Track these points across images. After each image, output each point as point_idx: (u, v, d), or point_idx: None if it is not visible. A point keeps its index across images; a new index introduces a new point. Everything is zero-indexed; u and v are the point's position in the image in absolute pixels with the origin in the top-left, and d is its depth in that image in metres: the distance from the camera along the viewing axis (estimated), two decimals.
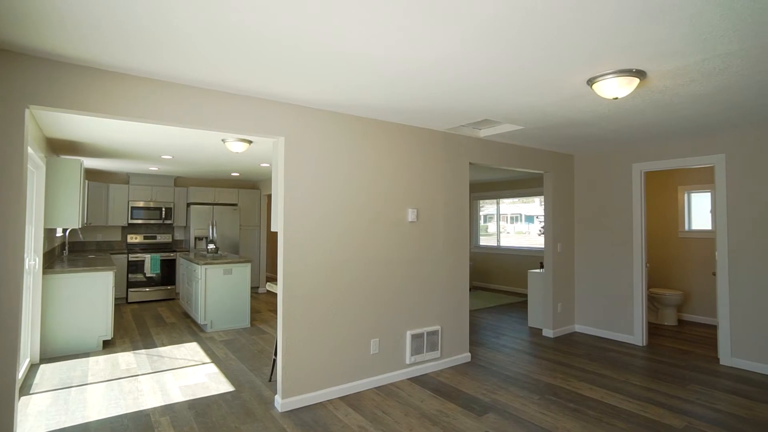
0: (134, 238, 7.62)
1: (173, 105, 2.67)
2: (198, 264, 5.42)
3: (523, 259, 8.22)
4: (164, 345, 4.69)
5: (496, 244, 8.84)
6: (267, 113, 3.04)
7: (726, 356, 4.08)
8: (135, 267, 7.06)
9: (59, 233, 6.27)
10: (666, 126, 3.80)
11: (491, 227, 9.12)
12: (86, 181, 6.62)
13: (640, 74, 2.45)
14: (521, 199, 8.59)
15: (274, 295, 7.82)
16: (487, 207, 9.18)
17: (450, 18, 1.81)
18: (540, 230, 8.38)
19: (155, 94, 2.62)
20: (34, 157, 3.63)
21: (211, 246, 6.30)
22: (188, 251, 7.61)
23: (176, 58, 2.31)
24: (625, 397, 3.30)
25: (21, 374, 3.63)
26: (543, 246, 5.24)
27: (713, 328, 5.42)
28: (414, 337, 3.75)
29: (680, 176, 5.99)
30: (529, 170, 4.95)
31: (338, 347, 3.35)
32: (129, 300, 7.01)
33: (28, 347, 4.02)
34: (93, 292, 4.50)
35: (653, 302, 5.77)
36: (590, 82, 2.57)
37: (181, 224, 7.89)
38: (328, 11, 1.77)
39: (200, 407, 3.11)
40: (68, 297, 4.37)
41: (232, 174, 7.55)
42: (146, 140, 4.50)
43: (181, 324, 5.67)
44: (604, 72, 2.44)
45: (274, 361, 3.62)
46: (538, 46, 2.10)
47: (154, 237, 7.80)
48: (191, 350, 4.50)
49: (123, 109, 2.51)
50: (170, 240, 7.97)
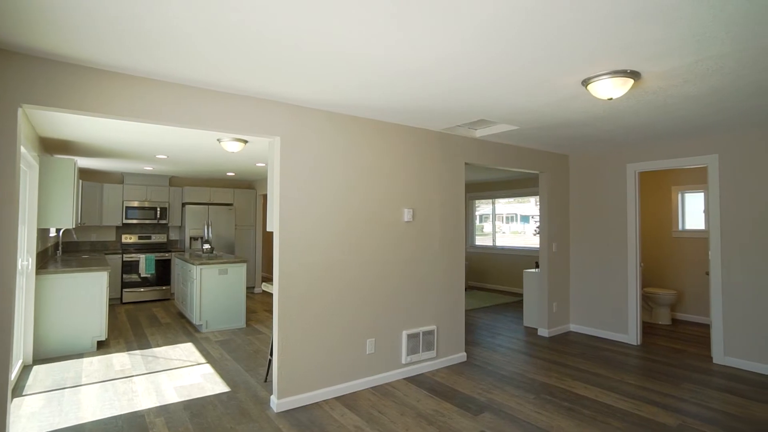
0: (129, 238, 7.57)
1: (169, 104, 2.66)
2: (193, 264, 5.39)
3: (519, 259, 8.25)
4: (159, 345, 4.67)
5: (492, 244, 8.86)
6: (263, 113, 3.03)
7: (719, 355, 4.11)
8: (129, 267, 7.02)
9: (53, 233, 6.22)
10: (660, 127, 3.82)
11: (487, 227, 9.14)
12: (80, 181, 6.56)
13: (635, 75, 2.46)
14: (517, 199, 8.62)
15: (270, 296, 7.80)
16: (483, 207, 9.20)
17: (450, 18, 1.82)
18: (535, 230, 8.41)
19: (151, 94, 2.60)
20: (27, 157, 3.60)
21: (207, 246, 6.28)
22: (183, 251, 7.57)
23: (174, 58, 2.30)
24: (620, 396, 3.32)
25: (14, 375, 3.60)
26: (538, 246, 5.27)
27: (706, 327, 5.46)
28: (410, 337, 3.75)
29: (674, 176, 6.03)
30: (525, 170, 4.97)
31: (334, 347, 3.34)
32: (123, 300, 6.97)
33: (21, 348, 3.99)
34: (87, 293, 4.47)
35: (647, 302, 5.81)
36: (585, 83, 2.59)
37: (176, 224, 7.85)
38: (329, 11, 1.78)
39: (195, 408, 3.10)
40: (62, 297, 4.34)
41: (228, 174, 7.52)
42: (141, 140, 4.47)
43: (176, 324, 5.64)
44: (599, 73, 2.46)
45: (270, 361, 3.61)
46: (537, 47, 2.11)
47: (149, 237, 7.76)
48: (186, 351, 4.48)
49: (118, 109, 2.50)
50: (165, 240, 7.93)
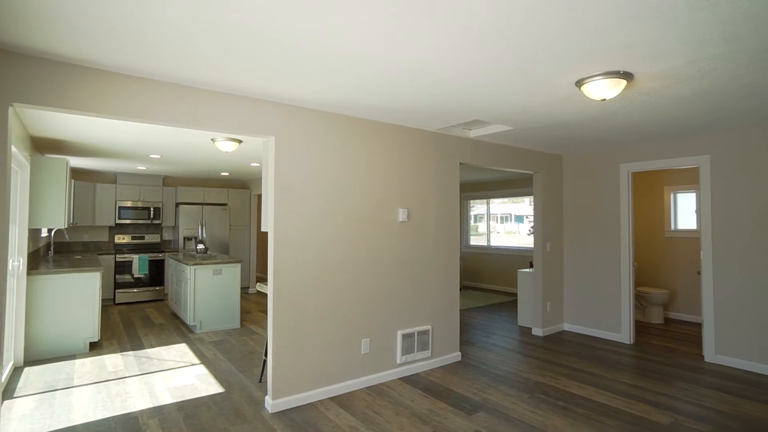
0: (122, 239, 7.52)
1: (164, 104, 2.64)
2: (187, 264, 5.36)
3: (513, 259, 8.29)
4: (152, 346, 4.64)
5: (487, 244, 8.89)
6: (258, 112, 3.02)
7: (710, 353, 4.16)
8: (123, 267, 6.96)
9: (44, 233, 6.16)
10: (653, 127, 3.85)
11: (481, 227, 9.17)
12: (72, 181, 6.51)
13: (628, 76, 2.48)
14: (511, 199, 8.65)
15: (264, 296, 7.77)
16: (478, 207, 9.23)
17: (450, 19, 1.82)
18: (530, 230, 8.45)
19: (147, 93, 2.59)
20: (18, 156, 3.56)
21: (201, 246, 6.24)
22: (177, 251, 7.52)
23: (173, 58, 2.29)
24: (613, 395, 3.35)
25: (4, 377, 3.56)
26: (532, 246, 5.29)
27: (698, 326, 5.52)
28: (405, 337, 3.75)
29: (666, 177, 6.08)
30: (519, 170, 4.99)
31: (329, 347, 3.34)
32: (116, 301, 6.91)
33: (12, 350, 3.95)
34: (79, 294, 4.42)
35: (640, 301, 5.86)
36: (579, 84, 2.60)
37: (170, 224, 7.80)
38: (329, 11, 1.78)
39: (189, 409, 3.08)
40: (53, 298, 4.30)
41: (222, 174, 7.48)
42: (134, 139, 4.44)
43: (170, 325, 5.60)
44: (593, 73, 2.47)
45: (265, 362, 3.59)
46: (535, 47, 2.12)
47: (142, 237, 7.70)
48: (180, 351, 4.46)
49: (113, 108, 2.48)
50: (159, 240, 7.88)
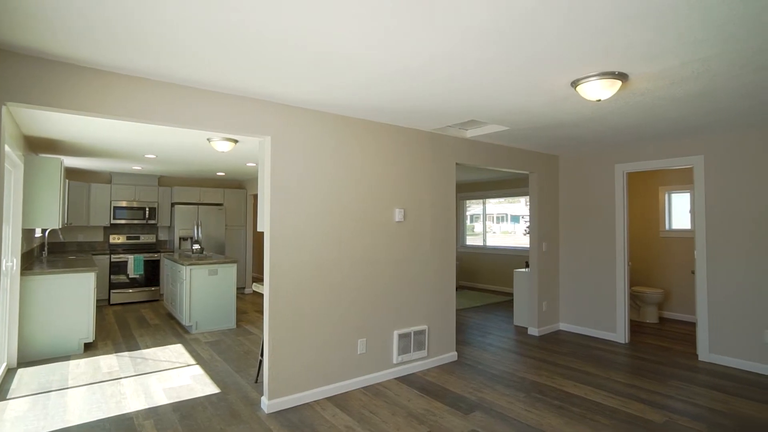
0: (117, 239, 7.47)
1: (161, 104, 2.63)
2: (183, 264, 5.34)
3: (509, 259, 8.31)
4: (148, 347, 4.61)
5: (483, 244, 8.91)
6: (253, 112, 3.01)
7: (704, 352, 4.19)
8: (118, 268, 6.92)
9: (38, 234, 6.12)
10: (648, 128, 3.88)
11: (477, 227, 9.19)
12: (67, 181, 6.47)
13: (623, 77, 2.50)
14: (507, 199, 8.68)
15: (261, 296, 7.75)
16: (474, 207, 9.25)
17: (450, 19, 1.83)
18: (525, 230, 8.48)
19: (144, 93, 2.57)
20: (12, 156, 3.53)
21: (196, 246, 6.22)
22: (172, 252, 7.49)
23: (171, 58, 2.29)
24: (609, 394, 3.37)
25: None
26: (528, 245, 5.31)
27: (692, 325, 5.56)
28: (401, 337, 3.76)
29: (661, 177, 6.12)
30: (515, 170, 5.00)
31: (325, 347, 3.34)
32: (111, 302, 6.87)
33: (5, 351, 3.91)
34: (73, 294, 4.40)
35: (635, 300, 5.89)
36: (574, 84, 2.62)
37: (166, 224, 7.77)
38: (329, 13, 1.78)
39: (185, 410, 3.07)
40: (47, 299, 4.27)
41: (218, 173, 7.46)
42: (129, 139, 4.42)
43: (165, 325, 5.58)
44: (588, 74, 2.49)
45: (261, 362, 3.59)
46: (533, 48, 2.12)
47: (138, 237, 7.66)
48: (176, 352, 4.44)
49: (108, 108, 2.46)
50: (154, 240, 7.84)
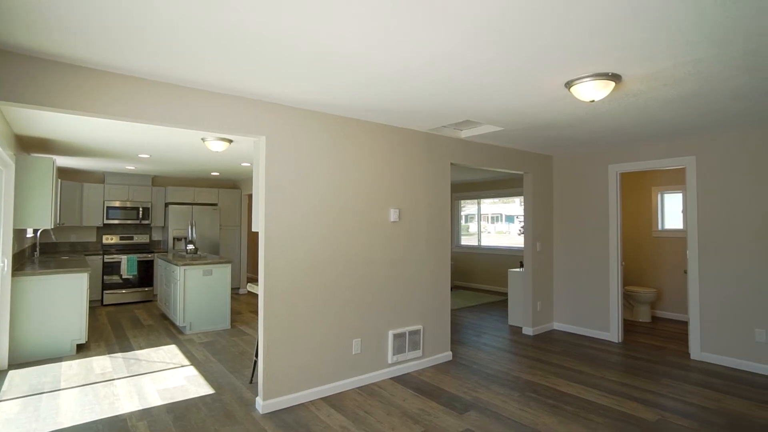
0: (110, 239, 7.42)
1: (157, 104, 2.62)
2: (176, 265, 5.31)
3: (504, 259, 8.34)
4: (141, 348, 4.58)
5: (477, 244, 8.94)
6: (248, 112, 3.01)
7: (696, 351, 4.23)
8: (111, 268, 6.87)
9: (30, 234, 6.06)
10: (640, 129, 3.91)
11: (472, 227, 9.22)
12: (59, 180, 6.41)
13: (616, 78, 2.52)
14: (502, 200, 8.71)
15: (255, 296, 7.73)
16: (469, 207, 9.28)
17: (450, 20, 1.83)
18: (520, 230, 8.52)
19: (138, 93, 2.56)
20: (3, 155, 3.50)
21: (190, 246, 6.19)
22: (166, 252, 7.45)
23: (169, 58, 2.29)
24: (602, 393, 3.39)
25: None
26: (523, 245, 5.33)
27: (685, 324, 5.61)
28: (396, 337, 3.76)
29: (654, 177, 6.17)
30: (510, 171, 5.02)
31: (320, 347, 3.33)
32: (104, 302, 6.82)
33: None
34: (66, 295, 4.36)
35: (628, 300, 5.94)
36: (568, 85, 2.63)
37: (159, 224, 7.72)
38: (329, 13, 1.79)
39: (179, 411, 3.06)
40: (39, 300, 4.23)
41: (212, 173, 7.42)
42: (123, 139, 4.39)
43: (159, 326, 5.55)
44: (582, 75, 2.50)
45: (255, 363, 3.58)
46: (529, 49, 2.13)
47: (131, 237, 7.61)
48: (169, 353, 4.41)
49: (103, 107, 2.45)
50: (148, 240, 7.79)
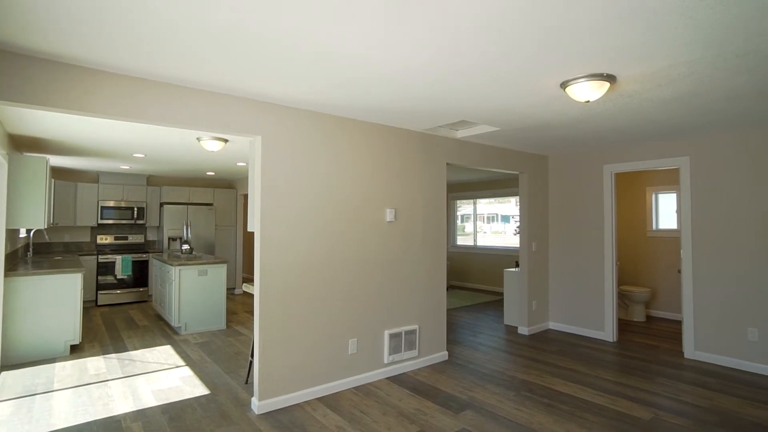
0: (104, 239, 7.37)
1: (154, 104, 2.60)
2: (172, 265, 5.29)
3: (500, 259, 8.37)
4: (136, 349, 4.56)
5: (473, 244, 8.96)
6: (244, 112, 2.99)
7: (690, 350, 4.26)
8: (105, 268, 6.83)
9: (23, 234, 6.01)
10: (635, 129, 3.93)
11: (468, 227, 9.24)
12: (52, 180, 6.36)
13: (611, 78, 2.53)
14: (497, 200, 8.74)
15: (251, 296, 7.70)
16: (464, 207, 9.30)
17: (450, 20, 1.84)
18: (516, 230, 8.55)
19: (136, 92, 2.54)
20: None
21: (186, 246, 6.16)
22: (161, 252, 7.41)
23: (168, 58, 2.28)
24: (597, 392, 3.41)
25: None
26: (518, 245, 5.35)
27: (678, 324, 5.65)
28: (392, 337, 3.76)
29: (648, 177, 6.21)
30: (505, 171, 5.04)
31: (316, 347, 3.33)
32: (99, 303, 6.77)
33: None
34: (59, 295, 4.32)
35: (623, 299, 5.97)
36: (563, 86, 2.64)
37: (154, 224, 7.68)
38: (329, 13, 1.79)
39: (174, 411, 3.04)
40: (32, 301, 4.19)
41: (208, 173, 7.39)
42: (117, 138, 4.36)
43: (154, 327, 5.52)
44: (577, 75, 2.52)
45: (251, 363, 3.57)
46: (525, 50, 2.14)
47: (126, 237, 7.56)
48: (164, 353, 4.39)
49: (100, 107, 2.43)
50: (142, 241, 7.75)
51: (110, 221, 7.15)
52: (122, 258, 6.94)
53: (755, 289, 3.91)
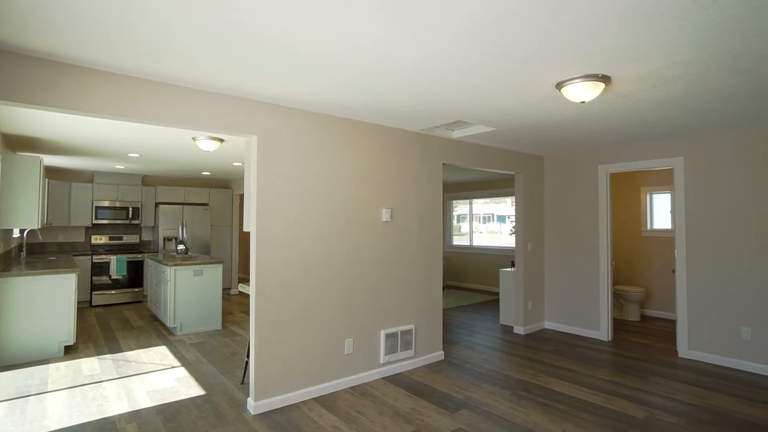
0: (99, 239, 7.32)
1: (152, 104, 2.59)
2: (167, 265, 5.26)
3: (495, 259, 8.39)
4: (131, 349, 4.53)
5: (469, 244, 8.98)
6: (240, 112, 2.99)
7: (684, 349, 4.29)
8: (100, 269, 6.78)
9: (16, 234, 5.96)
10: (630, 129, 3.96)
11: (464, 227, 9.25)
12: (46, 180, 6.32)
13: (606, 79, 2.54)
14: (493, 200, 8.76)
15: (247, 297, 7.68)
16: (460, 207, 9.31)
17: (450, 20, 1.84)
18: (511, 230, 8.57)
19: (132, 92, 2.53)
20: None
21: (181, 247, 6.13)
22: (156, 252, 7.37)
23: (166, 58, 2.27)
24: (592, 391, 3.42)
25: None
26: (514, 245, 5.37)
27: (673, 323, 5.68)
28: (388, 337, 3.76)
29: (643, 178, 6.25)
30: (501, 171, 5.05)
31: (312, 348, 3.32)
32: (93, 303, 6.73)
33: None
34: (53, 296, 4.29)
35: (618, 299, 6.00)
36: (559, 86, 2.65)
37: (149, 224, 7.64)
38: (329, 14, 1.80)
39: (169, 412, 3.03)
40: (26, 301, 4.16)
41: (203, 173, 7.36)
42: (112, 138, 4.33)
43: (149, 327, 5.49)
44: (573, 76, 2.53)
45: (247, 363, 3.56)
46: (522, 49, 2.15)
47: (120, 238, 7.52)
48: (160, 354, 4.37)
49: (96, 106, 2.41)
50: (137, 241, 7.70)
51: (105, 221, 7.11)
52: (117, 258, 6.90)
53: (749, 289, 3.95)
